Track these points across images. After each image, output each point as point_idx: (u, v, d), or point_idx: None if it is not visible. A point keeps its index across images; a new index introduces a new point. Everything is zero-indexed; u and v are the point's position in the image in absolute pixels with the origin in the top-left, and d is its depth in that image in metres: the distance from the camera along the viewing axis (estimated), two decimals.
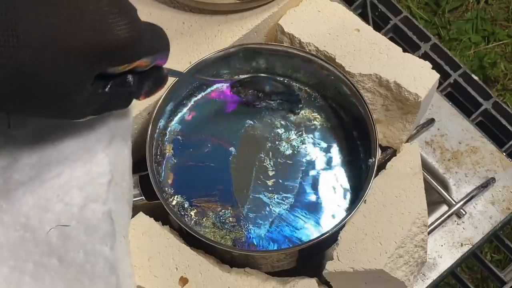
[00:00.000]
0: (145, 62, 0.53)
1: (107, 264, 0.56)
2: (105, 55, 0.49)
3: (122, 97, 0.55)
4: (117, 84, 0.53)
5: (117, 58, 0.50)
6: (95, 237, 0.56)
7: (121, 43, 0.49)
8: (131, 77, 0.54)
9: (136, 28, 0.50)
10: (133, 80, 0.54)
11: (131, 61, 0.52)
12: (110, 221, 0.57)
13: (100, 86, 0.52)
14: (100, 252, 0.56)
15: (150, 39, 0.53)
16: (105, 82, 0.52)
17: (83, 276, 0.55)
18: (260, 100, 0.72)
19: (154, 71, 0.56)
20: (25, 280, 0.55)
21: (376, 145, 0.67)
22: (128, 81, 0.54)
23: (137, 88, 0.55)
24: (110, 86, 0.52)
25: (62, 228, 0.56)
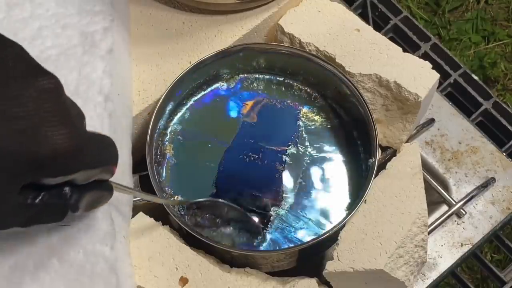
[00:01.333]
0: (86, 175, 0.47)
1: (107, 264, 0.56)
2: (36, 165, 0.43)
3: (55, 210, 0.47)
4: (51, 196, 0.46)
5: (50, 170, 0.44)
6: (95, 237, 0.56)
7: (55, 154, 0.43)
8: (68, 189, 0.47)
9: (75, 139, 0.45)
10: (70, 192, 0.47)
11: (67, 173, 0.45)
12: (110, 221, 0.57)
13: (30, 197, 0.45)
14: (100, 252, 0.56)
15: (94, 152, 0.47)
16: (37, 192, 0.46)
17: (83, 276, 0.55)
18: (216, 226, 0.67)
19: (97, 185, 0.50)
20: (25, 280, 0.54)
21: (376, 145, 0.67)
22: (64, 193, 0.47)
23: (75, 201, 0.48)
24: (41, 198, 0.46)
25: (62, 228, 0.56)
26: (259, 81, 0.74)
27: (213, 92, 0.73)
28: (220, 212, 0.67)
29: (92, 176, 0.48)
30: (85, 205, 0.50)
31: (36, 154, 0.43)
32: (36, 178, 0.44)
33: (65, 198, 0.47)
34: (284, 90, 0.74)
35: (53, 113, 0.44)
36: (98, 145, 0.48)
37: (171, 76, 0.70)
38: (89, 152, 0.46)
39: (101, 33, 0.65)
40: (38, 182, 0.45)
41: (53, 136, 0.43)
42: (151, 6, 0.75)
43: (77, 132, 0.45)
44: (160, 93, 0.69)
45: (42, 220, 0.48)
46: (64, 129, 0.44)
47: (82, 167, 0.46)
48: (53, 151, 0.43)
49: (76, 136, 0.45)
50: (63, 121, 0.44)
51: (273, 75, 0.74)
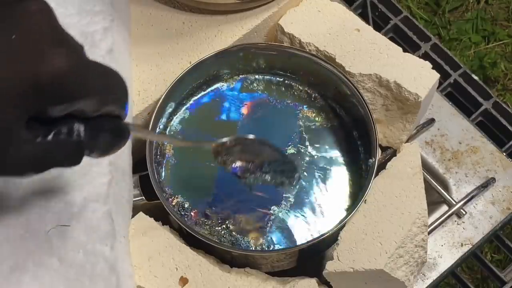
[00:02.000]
0: (91, 106, 0.45)
1: (107, 264, 0.56)
2: (38, 90, 0.42)
3: (69, 149, 0.45)
4: (62, 132, 0.45)
5: (53, 95, 0.42)
6: (95, 237, 0.56)
7: (58, 77, 0.42)
8: (79, 125, 0.45)
9: (76, 59, 0.43)
10: (83, 128, 0.45)
11: (72, 98, 0.43)
12: (110, 221, 0.57)
13: (40, 134, 0.44)
14: (100, 252, 0.56)
15: (99, 79, 0.45)
16: (47, 129, 0.44)
17: (83, 276, 0.55)
18: (248, 172, 0.61)
19: (110, 121, 0.47)
20: (25, 280, 0.54)
21: (376, 145, 0.67)
22: (75, 129, 0.45)
23: (89, 139, 0.46)
24: (54, 134, 0.44)
25: (62, 228, 0.56)
26: (259, 81, 0.74)
27: (213, 92, 0.73)
28: (251, 154, 0.60)
29: (100, 106, 0.45)
30: (101, 147, 0.47)
31: (35, 77, 0.41)
32: (40, 105, 0.42)
33: (77, 135, 0.45)
34: (284, 90, 0.74)
35: (47, 34, 0.42)
36: (103, 73, 0.46)
37: (171, 76, 0.70)
38: (92, 78, 0.44)
39: (101, 33, 0.65)
40: (46, 117, 0.43)
41: (51, 57, 0.42)
42: (151, 6, 0.75)
43: (75, 54, 0.43)
44: (160, 93, 0.69)
45: (57, 162, 0.45)
46: (61, 50, 0.42)
47: (86, 93, 0.44)
48: (52, 72, 0.42)
49: (75, 58, 0.43)
50: (58, 42, 0.43)
51: (273, 75, 0.74)
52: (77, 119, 0.45)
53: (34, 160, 0.44)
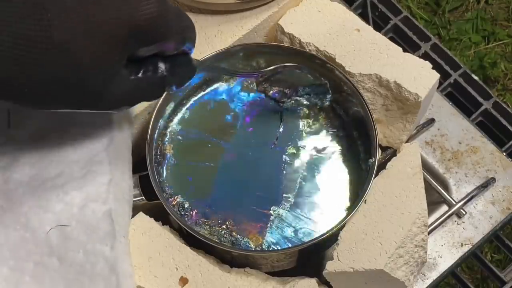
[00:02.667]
0: (173, 44, 0.52)
1: (107, 264, 0.56)
2: (136, 33, 0.48)
3: (155, 84, 0.53)
4: (149, 70, 0.52)
5: (147, 37, 0.49)
6: (95, 237, 0.57)
7: (151, 19, 0.48)
8: (161, 63, 0.53)
9: (164, 7, 0.49)
10: (163, 66, 0.53)
11: (160, 40, 0.51)
12: (110, 221, 0.57)
13: (133, 72, 0.51)
14: (100, 252, 0.56)
15: (177, 20, 0.52)
16: (137, 67, 0.51)
17: (83, 276, 0.55)
18: (286, 97, 0.70)
19: (183, 57, 0.55)
20: (25, 280, 0.55)
21: (376, 145, 0.67)
22: (159, 67, 0.53)
23: (170, 74, 0.54)
24: (143, 71, 0.51)
25: (62, 228, 0.56)
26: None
27: (213, 92, 0.73)
28: (289, 82, 0.69)
29: (179, 46, 0.53)
30: (177, 79, 0.55)
31: (133, 21, 0.47)
32: (137, 46, 0.49)
33: (161, 71, 0.53)
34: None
35: None
36: (180, 15, 0.53)
37: None
38: (175, 20, 0.51)
39: None
40: (136, 55, 0.50)
41: (144, 4, 0.48)
42: None
43: (164, 2, 0.49)
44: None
45: (145, 96, 0.53)
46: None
47: (171, 33, 0.51)
48: (146, 17, 0.48)
49: (164, 5, 0.49)
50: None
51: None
52: (159, 57, 0.52)
53: (128, 96, 0.51)
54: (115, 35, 0.47)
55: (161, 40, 0.51)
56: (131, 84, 0.51)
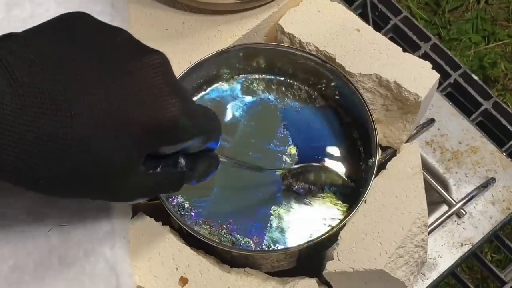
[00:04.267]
0: (197, 143, 0.52)
1: (107, 264, 0.56)
2: (157, 133, 0.48)
3: (173, 179, 0.54)
4: (169, 165, 0.52)
5: (169, 137, 0.49)
6: (95, 237, 0.57)
7: (174, 122, 0.48)
8: (182, 158, 0.53)
9: (189, 107, 0.49)
10: (185, 161, 0.53)
11: (183, 140, 0.51)
12: (110, 221, 0.57)
13: (152, 167, 0.51)
14: (100, 252, 0.56)
15: (202, 120, 0.52)
16: (156, 162, 0.51)
17: (83, 276, 0.55)
18: (311, 194, 0.68)
19: (206, 154, 0.55)
20: (25, 279, 0.55)
21: (376, 145, 0.67)
22: (180, 162, 0.53)
23: (189, 170, 0.54)
24: (161, 167, 0.52)
25: (62, 228, 0.56)
26: (259, 81, 0.74)
27: (213, 92, 0.73)
28: (315, 178, 0.68)
29: (202, 144, 0.53)
30: (198, 175, 0.55)
31: (159, 122, 0.48)
32: (157, 146, 0.49)
33: (180, 167, 0.53)
34: (284, 90, 0.74)
35: (168, 85, 0.49)
36: (205, 115, 0.53)
37: None
38: (199, 122, 0.51)
39: None
40: (157, 153, 0.50)
41: (171, 106, 0.48)
42: (151, 6, 0.75)
43: (187, 101, 0.50)
44: None
45: (162, 190, 0.54)
46: (177, 99, 0.48)
47: (195, 135, 0.51)
48: (168, 119, 0.48)
49: (186, 105, 0.49)
50: (175, 92, 0.49)
51: (273, 75, 0.74)
52: (180, 154, 0.53)
53: (144, 189, 0.52)
54: (135, 135, 0.47)
55: (183, 141, 0.51)
56: (147, 178, 0.51)
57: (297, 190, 0.68)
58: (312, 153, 0.70)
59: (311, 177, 0.68)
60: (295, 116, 0.72)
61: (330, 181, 0.68)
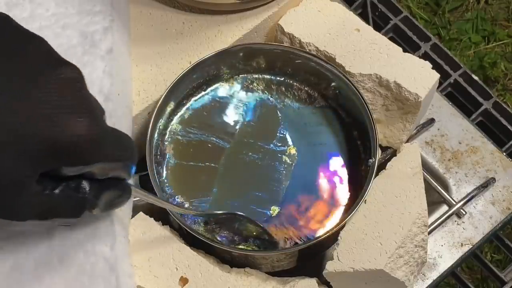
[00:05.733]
0: (103, 170, 0.48)
1: (107, 264, 0.56)
2: (56, 153, 0.44)
3: (73, 204, 0.48)
4: (70, 188, 0.47)
5: (69, 157, 0.45)
6: (95, 237, 0.56)
7: (76, 142, 0.45)
8: (86, 183, 0.48)
9: (96, 129, 0.46)
10: (89, 187, 0.48)
11: (86, 163, 0.46)
12: (110, 221, 0.57)
13: (49, 188, 0.46)
14: (100, 252, 0.56)
15: (113, 146, 0.48)
16: (56, 183, 0.47)
17: (83, 276, 0.55)
18: (234, 243, 0.66)
19: (115, 182, 0.51)
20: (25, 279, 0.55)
21: (376, 145, 0.67)
22: (82, 187, 0.48)
23: (93, 197, 0.49)
24: (60, 189, 0.47)
25: (62, 228, 0.56)
26: (259, 81, 0.74)
27: (213, 92, 0.73)
28: (238, 227, 0.66)
29: (110, 171, 0.49)
30: (103, 204, 0.50)
31: (58, 140, 0.44)
32: (55, 165, 0.45)
33: (83, 192, 0.48)
34: (284, 90, 0.74)
35: (75, 102, 0.45)
36: (117, 141, 0.49)
37: (171, 76, 0.70)
38: (108, 145, 0.47)
39: (101, 33, 0.65)
40: (57, 173, 0.46)
41: (74, 124, 0.45)
42: (151, 6, 0.75)
43: (97, 123, 0.46)
44: (160, 93, 0.69)
45: (59, 214, 0.48)
46: (85, 119, 0.45)
47: (100, 159, 0.47)
48: (73, 138, 0.44)
49: (95, 127, 0.46)
50: (84, 111, 0.46)
51: (273, 75, 0.74)
52: (85, 178, 0.48)
53: (38, 210, 0.47)
54: (29, 151, 0.44)
55: (85, 164, 0.47)
56: (43, 199, 0.46)
57: (220, 237, 0.66)
58: (312, 153, 0.70)
59: (235, 226, 0.66)
60: (295, 116, 0.72)
61: (255, 234, 0.66)
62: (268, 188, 0.68)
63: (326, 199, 0.68)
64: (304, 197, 0.68)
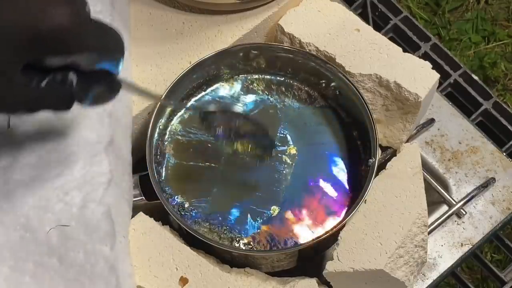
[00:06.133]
0: (88, 60, 0.48)
1: (107, 264, 0.56)
2: (37, 41, 0.45)
3: (60, 97, 0.49)
4: (56, 80, 0.48)
5: (51, 47, 0.46)
6: (95, 237, 0.56)
7: (57, 31, 0.45)
8: (73, 75, 0.49)
9: (77, 16, 0.46)
10: (76, 79, 0.49)
11: (68, 52, 0.47)
12: (110, 221, 0.57)
13: (35, 80, 0.47)
14: (100, 252, 0.56)
15: (97, 36, 0.48)
16: (42, 76, 0.47)
17: (83, 276, 0.55)
18: (230, 139, 0.66)
19: (105, 76, 0.51)
20: (25, 280, 0.55)
21: (376, 145, 0.67)
22: (69, 79, 0.49)
23: (80, 90, 0.49)
24: (47, 82, 0.48)
25: (62, 228, 0.56)
26: (259, 81, 0.74)
27: (213, 92, 0.73)
28: (235, 124, 0.66)
29: (95, 61, 0.49)
30: (91, 97, 0.50)
31: (37, 28, 0.44)
32: (37, 54, 0.46)
33: (70, 84, 0.49)
34: (284, 90, 0.74)
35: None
36: (101, 32, 0.49)
37: (171, 76, 0.70)
38: (90, 35, 0.47)
39: None
40: (42, 65, 0.47)
41: (54, 11, 0.45)
42: (151, 6, 0.75)
43: (77, 11, 0.46)
44: (160, 93, 0.69)
45: (48, 105, 0.49)
46: (65, 8, 0.45)
47: (82, 49, 0.47)
48: (53, 27, 0.44)
49: (76, 14, 0.46)
50: (64, 1, 0.45)
51: (273, 75, 0.74)
52: (71, 69, 0.48)
53: (25, 103, 0.48)
54: (11, 40, 0.44)
55: (68, 53, 0.47)
56: (29, 92, 0.47)
57: (217, 132, 0.66)
58: (312, 153, 0.70)
59: (233, 124, 0.66)
60: (295, 116, 0.72)
61: (248, 129, 0.66)
62: (268, 188, 0.68)
63: (326, 199, 0.68)
64: (304, 197, 0.68)
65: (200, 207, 0.67)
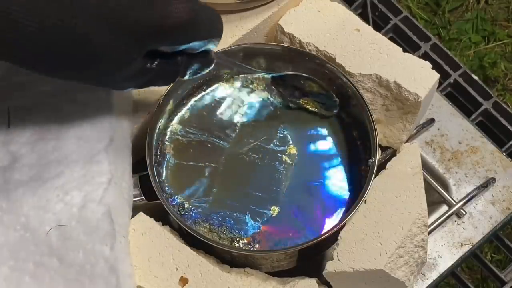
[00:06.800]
0: (197, 46, 0.54)
1: (107, 264, 0.56)
2: (160, 34, 0.50)
3: (167, 75, 0.56)
4: (167, 63, 0.54)
5: (171, 39, 0.51)
6: (95, 237, 0.57)
7: (178, 24, 0.50)
8: (180, 58, 0.55)
9: (195, 11, 0.51)
10: (181, 60, 0.55)
11: (185, 42, 0.53)
12: (110, 221, 0.57)
13: (148, 62, 0.53)
14: (100, 252, 0.56)
15: (206, 25, 0.54)
16: (154, 58, 0.53)
17: (83, 276, 0.55)
18: (295, 98, 0.72)
19: (204, 55, 0.57)
20: (25, 280, 0.55)
21: (376, 145, 0.67)
22: (176, 61, 0.55)
23: (184, 68, 0.56)
24: (158, 63, 0.53)
25: (62, 228, 0.56)
26: (259, 81, 0.74)
27: (213, 92, 0.73)
28: (302, 85, 0.71)
29: (202, 46, 0.55)
30: (191, 72, 0.57)
31: (162, 24, 0.50)
32: (158, 46, 0.52)
33: (176, 65, 0.55)
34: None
35: None
36: (209, 18, 0.54)
37: None
38: (202, 26, 0.53)
39: None
40: (156, 50, 0.53)
41: (177, 8, 0.50)
42: None
43: (193, 5, 0.51)
44: (160, 93, 0.69)
45: (156, 83, 0.56)
46: (185, 3, 0.50)
47: (195, 39, 0.53)
48: (177, 21, 0.50)
49: (192, 9, 0.51)
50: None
51: (273, 75, 0.74)
52: (180, 53, 0.55)
53: (139, 81, 0.54)
54: (137, 35, 0.49)
55: (184, 43, 0.53)
56: (143, 72, 0.53)
57: (285, 92, 0.72)
58: (312, 153, 0.70)
59: (298, 84, 0.71)
60: (295, 116, 0.72)
61: (314, 90, 0.71)
62: (268, 188, 0.68)
63: (326, 199, 0.68)
64: (304, 197, 0.68)
65: (200, 207, 0.67)
